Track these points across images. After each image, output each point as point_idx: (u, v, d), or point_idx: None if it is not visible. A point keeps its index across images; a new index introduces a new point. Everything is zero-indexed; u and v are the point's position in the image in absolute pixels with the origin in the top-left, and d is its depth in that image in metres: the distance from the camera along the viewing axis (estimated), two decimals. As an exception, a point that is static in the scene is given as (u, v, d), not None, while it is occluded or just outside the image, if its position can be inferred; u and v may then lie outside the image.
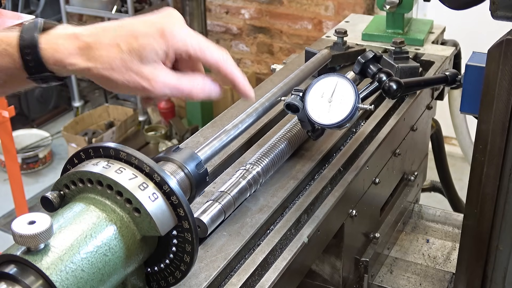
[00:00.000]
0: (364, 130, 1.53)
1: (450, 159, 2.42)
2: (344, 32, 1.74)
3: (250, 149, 1.43)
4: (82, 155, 0.96)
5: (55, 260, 0.82)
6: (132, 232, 0.91)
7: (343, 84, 1.27)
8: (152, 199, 0.90)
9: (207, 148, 1.13)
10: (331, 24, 4.84)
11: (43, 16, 5.48)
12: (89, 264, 0.84)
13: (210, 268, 1.07)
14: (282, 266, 1.12)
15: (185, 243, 0.95)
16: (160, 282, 0.99)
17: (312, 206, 1.27)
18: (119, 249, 0.89)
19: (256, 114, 1.26)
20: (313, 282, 1.47)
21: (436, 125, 2.18)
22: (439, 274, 1.66)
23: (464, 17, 2.21)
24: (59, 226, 0.86)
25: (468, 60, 1.32)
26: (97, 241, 0.87)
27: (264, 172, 1.27)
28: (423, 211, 1.92)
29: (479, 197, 1.25)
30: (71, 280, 0.82)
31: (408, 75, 1.65)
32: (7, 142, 3.07)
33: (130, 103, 5.71)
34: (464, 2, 1.30)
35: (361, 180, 1.43)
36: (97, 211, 0.90)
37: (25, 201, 3.25)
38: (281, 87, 1.36)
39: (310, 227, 1.21)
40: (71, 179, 0.93)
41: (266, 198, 1.26)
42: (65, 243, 0.84)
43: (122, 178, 0.90)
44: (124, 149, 0.93)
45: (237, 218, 1.20)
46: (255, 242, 1.17)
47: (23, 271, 0.81)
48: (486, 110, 1.16)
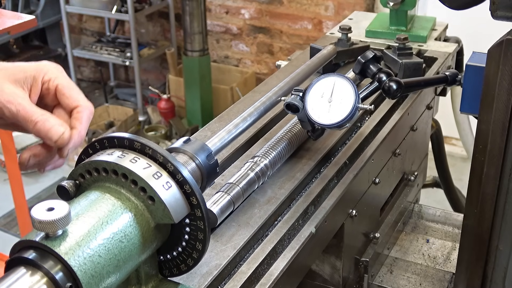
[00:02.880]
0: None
1: (450, 159, 2.42)
2: (348, 28, 1.76)
3: (257, 142, 1.45)
4: (96, 145, 0.98)
5: (73, 245, 0.84)
6: (147, 220, 0.93)
7: (343, 84, 1.27)
8: (166, 187, 0.92)
9: (216, 140, 1.16)
10: (331, 24, 4.85)
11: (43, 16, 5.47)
12: (105, 250, 0.87)
13: (220, 257, 1.09)
14: (291, 255, 1.14)
15: (197, 231, 0.97)
16: (173, 269, 1.01)
17: (319, 198, 1.30)
18: (134, 236, 0.91)
19: (264, 108, 1.28)
20: (313, 282, 1.47)
21: (436, 125, 2.18)
22: (439, 274, 1.66)
23: (464, 17, 2.21)
24: (76, 213, 0.88)
25: (468, 60, 1.32)
26: (113, 228, 0.89)
27: (271, 165, 1.29)
28: (423, 211, 1.92)
29: (479, 197, 1.25)
30: (88, 265, 0.84)
31: (412, 70, 1.66)
32: (7, 142, 3.07)
33: (130, 103, 5.72)
34: (464, 2, 1.30)
35: (361, 180, 1.43)
36: (112, 199, 0.92)
37: (25, 201, 3.25)
38: (288, 82, 1.39)
39: (317, 218, 1.23)
40: (87, 169, 0.95)
41: (273, 190, 1.28)
42: (82, 229, 0.86)
43: (137, 167, 0.92)
44: (138, 139, 0.95)
45: (245, 209, 1.22)
46: (264, 232, 1.20)
47: (42, 256, 0.83)
48: (486, 110, 1.16)
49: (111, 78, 6.05)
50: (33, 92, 1.01)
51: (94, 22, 6.01)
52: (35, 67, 1.03)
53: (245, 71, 5.37)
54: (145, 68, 5.90)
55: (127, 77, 6.12)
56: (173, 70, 5.40)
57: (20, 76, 1.01)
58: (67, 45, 5.39)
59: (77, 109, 1.02)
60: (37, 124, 0.97)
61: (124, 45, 5.49)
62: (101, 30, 5.99)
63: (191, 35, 4.93)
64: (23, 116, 0.97)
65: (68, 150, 1.00)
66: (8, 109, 0.97)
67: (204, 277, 1.05)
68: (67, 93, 1.03)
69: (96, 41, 5.72)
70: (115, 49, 5.44)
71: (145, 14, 5.40)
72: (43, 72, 1.02)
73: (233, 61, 5.48)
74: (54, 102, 1.05)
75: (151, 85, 5.61)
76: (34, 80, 1.01)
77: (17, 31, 3.30)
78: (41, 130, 0.97)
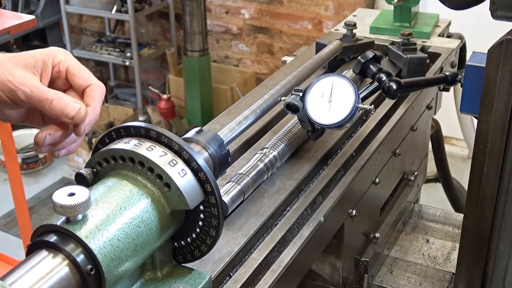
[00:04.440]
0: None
1: (450, 159, 2.42)
2: (353, 24, 1.79)
3: (265, 135, 1.47)
4: (113, 134, 1.01)
5: (93, 229, 0.87)
6: (163, 206, 0.96)
7: (343, 84, 1.28)
8: (181, 174, 0.95)
9: (227, 130, 1.19)
10: (331, 24, 4.85)
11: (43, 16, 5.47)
12: (124, 234, 0.90)
13: (232, 245, 1.12)
14: (301, 242, 1.17)
15: (211, 217, 1.00)
16: (186, 255, 1.04)
17: (326, 188, 1.33)
18: (151, 221, 0.94)
19: (273, 100, 1.31)
20: (313, 282, 1.48)
21: (436, 125, 2.19)
22: (439, 274, 1.66)
23: (464, 17, 2.21)
24: (94, 199, 0.91)
25: (468, 60, 1.32)
26: (131, 213, 0.92)
27: (280, 156, 1.32)
28: (423, 211, 1.92)
29: (479, 197, 1.25)
30: (108, 249, 0.87)
31: (416, 65, 1.69)
32: (7, 142, 3.07)
33: (130, 103, 5.72)
34: (464, 2, 1.30)
35: (361, 180, 1.43)
36: (129, 185, 0.95)
37: (25, 201, 3.26)
38: (296, 75, 1.41)
39: (325, 207, 1.26)
40: (104, 157, 0.98)
41: (282, 181, 1.31)
42: (101, 214, 0.89)
43: (153, 155, 0.95)
44: (154, 128, 0.98)
45: (255, 199, 1.25)
46: (273, 221, 1.23)
47: (63, 240, 0.86)
48: (486, 110, 1.16)
49: (111, 78, 6.05)
50: (44, 76, 1.03)
51: (94, 22, 6.01)
52: (45, 52, 1.04)
53: (245, 71, 5.37)
54: (145, 68, 5.90)
55: (127, 77, 6.12)
56: (173, 70, 5.40)
57: (30, 61, 1.02)
58: (67, 45, 5.39)
59: (89, 87, 1.04)
60: (53, 102, 0.98)
61: (124, 45, 5.49)
62: (101, 30, 5.99)
63: (191, 35, 4.94)
64: (37, 96, 0.98)
65: (84, 127, 1.01)
66: (22, 91, 0.98)
67: (216, 264, 1.07)
68: (78, 73, 1.04)
69: (96, 41, 5.72)
70: (115, 49, 5.45)
71: (145, 14, 5.40)
72: (53, 55, 1.04)
73: (233, 61, 5.48)
74: (65, 85, 1.06)
75: (151, 85, 5.61)
76: (44, 63, 1.03)
77: (17, 31, 3.30)
78: (57, 107, 0.99)
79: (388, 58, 1.83)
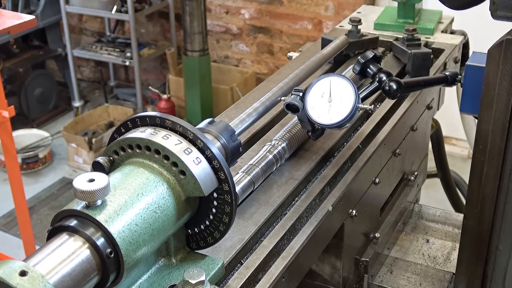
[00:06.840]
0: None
1: (450, 159, 2.42)
2: (358, 20, 1.81)
3: (273, 128, 1.50)
4: (129, 124, 1.04)
5: (112, 214, 0.90)
6: (178, 193, 0.99)
7: (343, 84, 1.28)
8: (196, 162, 0.98)
9: (238, 121, 1.22)
10: (331, 24, 4.85)
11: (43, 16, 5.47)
12: (141, 219, 0.92)
13: (243, 233, 1.15)
14: (310, 230, 1.20)
15: (224, 205, 1.02)
16: (200, 242, 1.07)
17: (334, 179, 1.35)
18: (167, 207, 0.97)
19: (282, 93, 1.33)
20: (313, 282, 1.48)
21: (436, 125, 2.19)
22: (439, 274, 1.66)
23: (464, 17, 2.21)
24: (113, 185, 0.94)
25: (468, 60, 1.32)
26: (147, 199, 0.95)
27: (289, 148, 1.35)
28: (423, 211, 1.92)
29: (479, 197, 1.25)
30: (126, 233, 0.90)
31: (420, 60, 1.71)
32: (7, 142, 3.07)
33: (130, 103, 5.72)
34: (464, 2, 1.30)
35: (361, 180, 1.43)
36: (146, 173, 0.98)
37: (25, 201, 3.26)
38: (303, 68, 1.44)
39: (334, 197, 1.29)
40: (121, 146, 1.01)
41: (291, 172, 1.34)
42: (120, 200, 0.92)
43: (169, 143, 0.98)
44: (169, 118, 1.01)
45: (265, 189, 1.28)
46: (283, 211, 1.26)
47: (83, 224, 0.89)
48: (486, 110, 1.17)
49: (111, 78, 6.06)
50: None
51: (94, 22, 6.01)
52: None
53: (245, 71, 5.37)
54: (145, 68, 5.90)
55: (127, 77, 6.12)
56: (173, 70, 5.40)
57: None
58: (67, 45, 5.39)
59: None
60: None
61: (124, 45, 5.49)
62: (101, 30, 5.99)
63: (191, 35, 4.94)
64: None
65: None
66: None
67: (228, 251, 1.10)
68: None
69: (96, 41, 5.72)
70: (115, 49, 5.45)
71: (145, 14, 5.40)
72: None
73: (233, 61, 5.48)
74: None
75: (151, 85, 5.61)
76: None
77: (17, 31, 3.30)
78: None
79: (393, 53, 1.84)
